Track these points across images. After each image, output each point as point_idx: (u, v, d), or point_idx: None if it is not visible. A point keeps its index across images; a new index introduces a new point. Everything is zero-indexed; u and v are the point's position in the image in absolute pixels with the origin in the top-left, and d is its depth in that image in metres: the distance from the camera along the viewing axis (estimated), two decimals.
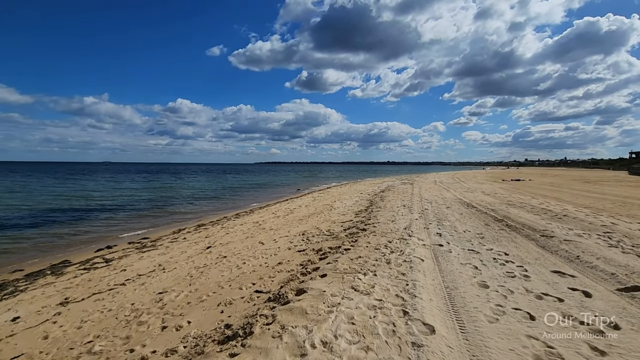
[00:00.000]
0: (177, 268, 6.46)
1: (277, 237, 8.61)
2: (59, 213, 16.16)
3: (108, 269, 6.92)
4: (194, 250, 7.98)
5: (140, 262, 7.24)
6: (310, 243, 7.34)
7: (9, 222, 13.51)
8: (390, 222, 8.53)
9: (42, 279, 6.65)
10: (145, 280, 5.75)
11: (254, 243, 8.21)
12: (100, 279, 6.22)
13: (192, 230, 11.33)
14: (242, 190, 30.01)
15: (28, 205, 18.63)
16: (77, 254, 9.01)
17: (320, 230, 8.82)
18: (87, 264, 7.54)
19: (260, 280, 4.95)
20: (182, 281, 5.51)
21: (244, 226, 11.12)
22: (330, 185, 35.25)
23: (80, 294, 5.37)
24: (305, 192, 27.24)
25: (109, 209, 17.80)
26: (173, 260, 7.14)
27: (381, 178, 44.86)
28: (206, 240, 9.21)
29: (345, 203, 15.17)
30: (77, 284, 6.05)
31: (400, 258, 5.06)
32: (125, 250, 8.83)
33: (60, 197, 22.64)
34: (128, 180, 45.46)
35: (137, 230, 12.08)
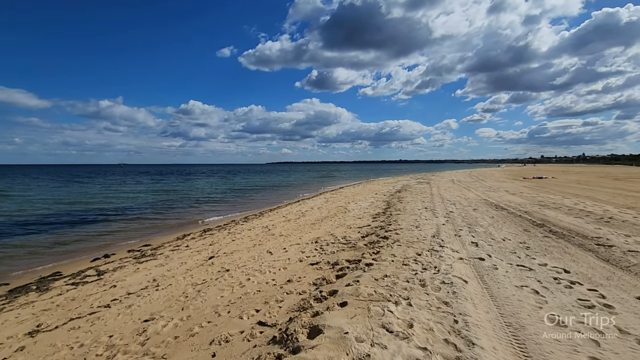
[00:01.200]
0: (173, 284, 5.63)
1: (288, 245, 7.73)
2: (64, 217, 15.67)
3: (97, 285, 6.16)
4: (194, 262, 7.16)
5: (133, 276, 6.45)
6: (325, 253, 6.43)
7: (11, 227, 13.03)
8: (414, 228, 7.55)
9: (24, 297, 5.93)
10: (133, 302, 4.94)
11: (262, 252, 7.34)
12: (85, 297, 5.44)
13: (197, 236, 10.55)
14: (252, 191, 29.30)
15: (33, 209, 18.26)
16: (72, 264, 8.32)
17: (335, 237, 7.90)
18: (77, 277, 6.82)
19: (266, 306, 4.06)
20: (175, 303, 4.66)
21: (252, 231, 10.28)
22: (342, 185, 34.26)
23: (56, 320, 4.58)
24: (317, 192, 26.34)
25: (115, 213, 17.25)
26: (170, 274, 6.32)
27: (395, 177, 43.62)
28: (210, 248, 8.39)
29: (360, 205, 14.20)
30: (58, 304, 5.28)
31: (436, 278, 4.10)
32: (123, 260, 8.09)
33: (66, 201, 22.33)
34: (138, 182, 45.41)
35: (140, 237, 11.38)
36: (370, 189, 23.66)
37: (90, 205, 19.70)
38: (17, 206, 18.90)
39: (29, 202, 21.00)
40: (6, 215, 15.86)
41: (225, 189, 32.35)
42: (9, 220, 14.60)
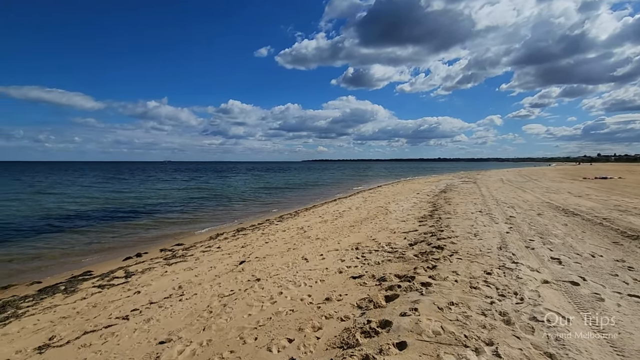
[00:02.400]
0: (198, 294, 5.06)
1: (325, 251, 6.96)
2: (103, 213, 16.09)
3: (122, 289, 5.76)
4: (224, 266, 6.60)
5: (159, 281, 5.99)
6: (368, 264, 5.57)
7: (50, 223, 13.47)
8: (472, 236, 6.46)
9: (50, 298, 5.66)
10: (153, 314, 4.40)
11: (296, 259, 6.63)
12: (107, 305, 5.01)
13: (229, 236, 10.11)
14: (287, 190, 28.95)
15: (74, 205, 19.02)
16: (104, 263, 8.14)
17: (378, 244, 7.01)
18: (105, 278, 6.51)
19: (300, 335, 3.30)
20: (197, 320, 4.04)
21: (286, 233, 9.64)
22: (380, 183, 32.98)
23: (70, 332, 4.14)
24: (354, 191, 25.40)
25: (153, 209, 17.49)
26: (197, 281, 5.78)
27: (435, 176, 41.50)
28: (241, 251, 7.83)
29: (402, 205, 13.12)
30: (79, 311, 4.89)
31: (523, 311, 3.11)
32: (153, 260, 7.76)
33: (105, 197, 23.20)
34: (179, 179, 47.00)
35: (174, 235, 11.17)
36: (411, 188, 22.33)
37: (128, 202, 20.24)
38: (57, 202, 19.76)
39: (70, 198, 22.02)
40: (46, 211, 16.54)
41: (259, 187, 32.33)
42: (48, 216, 15.18)
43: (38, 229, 12.13)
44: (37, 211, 16.22)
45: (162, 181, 40.17)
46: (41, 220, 13.84)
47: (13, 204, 18.71)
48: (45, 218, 14.44)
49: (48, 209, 16.85)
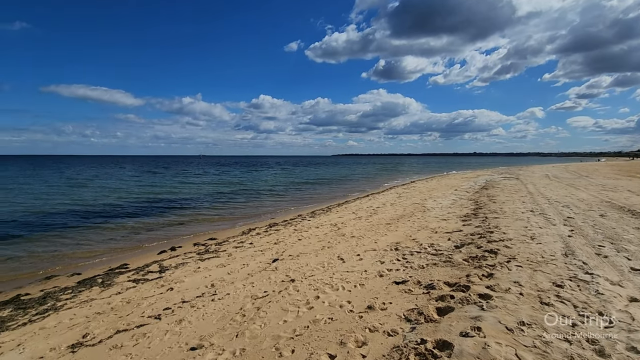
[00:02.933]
0: (231, 294, 4.83)
1: (362, 251, 6.55)
2: (140, 205, 16.59)
3: (156, 285, 5.67)
4: (257, 264, 6.37)
5: (192, 278, 5.86)
6: (411, 267, 5.11)
7: (88, 215, 14.00)
8: (528, 239, 5.79)
9: (87, 291, 5.68)
10: (185, 314, 4.21)
11: (332, 258, 6.27)
12: (140, 301, 4.91)
13: (262, 231, 9.94)
14: (317, 185, 28.68)
15: (112, 198, 19.77)
16: (140, 256, 8.22)
17: (419, 244, 6.50)
18: (140, 272, 6.50)
19: (342, 350, 2.94)
20: (229, 325, 3.79)
21: (319, 229, 9.31)
22: (413, 179, 31.92)
23: (103, 329, 4.04)
24: (386, 186, 24.68)
25: (188, 203, 17.84)
26: (229, 279, 5.58)
27: (472, 171, 39.62)
28: (274, 248, 7.59)
29: (441, 202, 12.39)
30: (113, 307, 4.82)
31: (618, 340, 2.55)
32: (187, 254, 7.71)
33: (142, 191, 24.01)
34: (213, 173, 48.16)
35: (208, 229, 11.20)
36: (447, 184, 21.31)
37: (162, 195, 20.81)
38: (97, 195, 20.63)
39: (108, 191, 22.98)
40: (87, 203, 17.26)
41: (289, 181, 32.31)
42: (89, 208, 15.83)
43: (79, 220, 12.65)
44: (79, 204, 17.02)
45: (194, 175, 41.31)
46: (82, 213, 14.47)
47: (56, 197, 19.80)
48: (86, 210, 15.09)
49: (88, 202, 17.65)
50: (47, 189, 24.12)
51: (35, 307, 5.14)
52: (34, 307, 5.15)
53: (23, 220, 12.65)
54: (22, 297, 5.69)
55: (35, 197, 19.35)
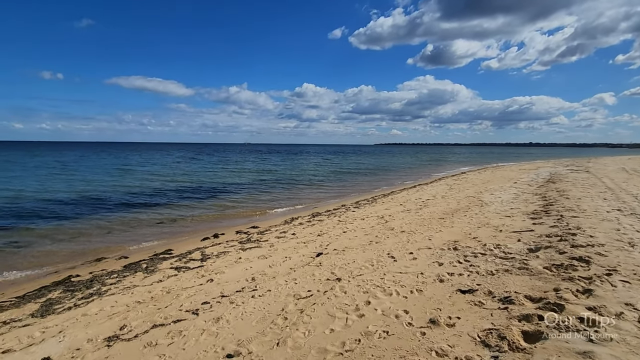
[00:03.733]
0: (272, 291, 4.45)
1: (414, 249, 5.88)
2: (187, 191, 17.05)
3: (197, 274, 5.47)
4: (299, 258, 5.96)
5: (233, 269, 5.58)
6: (477, 272, 4.38)
7: (135, 199, 14.55)
8: (627, 245, 4.78)
9: (131, 277, 5.64)
10: (223, 312, 3.88)
11: (381, 255, 5.68)
12: (179, 292, 4.70)
13: (304, 221, 9.56)
14: (360, 174, 27.89)
15: (157, 184, 20.54)
16: (184, 242, 8.21)
17: (482, 244, 5.70)
18: (183, 260, 6.39)
19: None
20: (270, 329, 3.39)
21: (365, 222, 8.72)
22: (462, 170, 29.94)
23: (141, 322, 3.84)
24: (434, 177, 23.29)
25: (230, 190, 18.08)
26: (271, 273, 5.21)
27: (530, 163, 36.42)
28: (318, 240, 7.15)
29: (500, 196, 11.20)
30: (153, 296, 4.66)
31: None
32: (229, 243, 7.53)
33: (189, 177, 24.80)
34: (258, 160, 49.09)
35: (249, 217, 11.08)
36: (503, 176, 19.57)
37: (206, 181, 21.33)
38: (141, 179, 21.60)
39: (154, 176, 24.01)
40: (133, 188, 18.06)
41: (331, 170, 31.82)
42: (137, 193, 16.52)
43: (128, 204, 13.21)
44: (130, 189, 17.90)
45: (237, 163, 42.28)
46: (131, 197, 15.14)
47: (109, 181, 21.06)
48: (135, 195, 15.78)
49: (138, 186, 18.52)
50: (101, 171, 25.89)
51: (82, 290, 5.16)
52: (81, 290, 5.17)
53: (81, 202, 13.47)
54: (73, 279, 5.80)
55: (90, 181, 20.74)
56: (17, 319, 4.24)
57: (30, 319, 4.24)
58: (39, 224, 9.72)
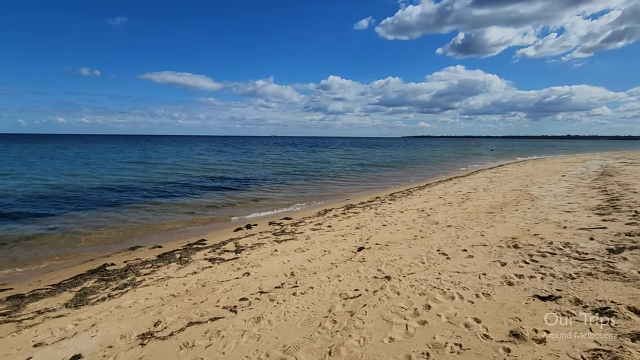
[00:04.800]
0: (315, 288, 4.04)
1: (467, 245, 5.29)
2: (212, 181, 17.05)
3: (232, 267, 5.17)
4: (340, 252, 5.52)
5: (269, 263, 5.23)
6: (552, 274, 3.78)
7: (168, 189, 14.62)
8: None
9: (165, 267, 5.42)
10: (264, 311, 3.52)
11: (430, 251, 5.15)
12: (215, 286, 4.39)
13: (339, 213, 9.11)
14: (387, 167, 27.03)
15: (196, 170, 20.69)
16: (217, 232, 8.00)
17: (547, 243, 5.03)
18: (217, 251, 6.12)
19: None
20: (318, 334, 2.98)
21: (405, 215, 8.15)
22: (499, 162, 28.31)
23: (176, 318, 3.54)
24: (469, 170, 22.11)
25: (260, 180, 17.93)
26: (310, 268, 4.81)
27: (572, 155, 34.09)
28: (356, 233, 6.68)
29: (551, 190, 10.28)
30: (188, 289, 4.38)
31: None
32: (262, 234, 7.22)
33: (214, 168, 24.92)
34: (284, 152, 49.09)
35: (280, 208, 10.76)
36: (547, 169, 18.26)
37: (232, 172, 21.31)
38: (174, 169, 21.87)
39: (186, 167, 24.29)
40: (165, 178, 18.24)
41: (358, 163, 31.14)
42: (169, 183, 16.65)
43: (161, 194, 13.29)
44: (163, 178, 18.15)
45: (263, 155, 42.37)
46: (165, 186, 15.28)
47: (138, 170, 21.50)
48: (169, 184, 15.93)
49: (171, 177, 18.75)
50: (132, 164, 26.61)
51: (116, 280, 4.99)
52: (115, 279, 5.00)
53: (114, 190, 13.71)
54: (108, 268, 5.67)
55: (121, 169, 21.26)
56: (52, 309, 4.08)
57: (64, 309, 4.07)
58: (75, 211, 9.87)
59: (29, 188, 13.92)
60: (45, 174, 18.97)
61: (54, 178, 17.19)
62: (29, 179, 16.66)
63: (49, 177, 17.64)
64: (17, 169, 21.52)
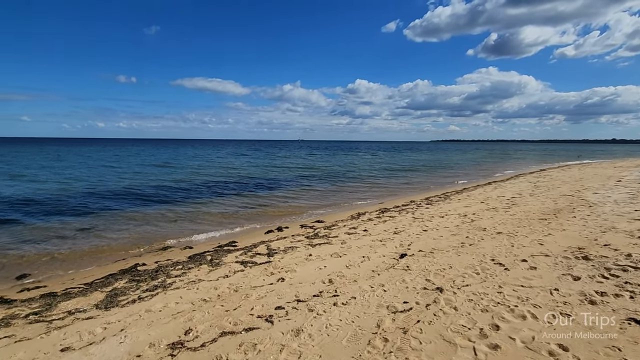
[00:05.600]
0: (357, 299, 3.63)
1: (526, 255, 4.71)
2: (241, 184, 17.00)
3: (265, 271, 4.85)
4: (380, 258, 5.08)
5: (304, 268, 4.87)
6: None
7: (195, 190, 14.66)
8: None
9: (196, 270, 5.19)
10: (302, 322, 3.15)
11: (483, 261, 4.60)
12: (248, 292, 4.07)
13: (373, 216, 8.63)
14: (418, 171, 26.08)
15: (227, 172, 20.81)
16: (249, 233, 7.75)
17: (625, 255, 4.41)
18: (248, 254, 5.84)
19: None
20: (369, 354, 2.58)
21: (446, 220, 7.56)
22: (537, 167, 26.54)
23: (208, 326, 3.25)
24: (508, 174, 20.81)
25: (287, 183, 17.74)
26: (350, 275, 4.40)
27: (623, 160, 31.56)
28: (395, 239, 6.20)
29: (609, 196, 9.35)
30: (219, 294, 4.09)
31: None
32: (295, 237, 6.88)
33: (238, 171, 25.00)
34: (314, 155, 49.01)
35: (310, 210, 10.42)
36: (597, 174, 16.87)
37: (258, 176, 21.24)
38: (200, 173, 22.07)
39: (211, 169, 24.50)
40: (193, 179, 18.38)
41: (388, 165, 30.34)
42: (199, 183, 16.74)
43: (191, 194, 13.35)
44: (193, 179, 18.35)
45: (291, 158, 42.38)
46: (195, 186, 15.40)
47: (172, 171, 21.89)
48: (198, 185, 16.06)
49: (200, 178, 18.95)
50: (167, 167, 27.27)
51: (147, 281, 4.81)
52: (146, 280, 4.82)
53: (145, 191, 13.93)
54: (139, 268, 5.53)
55: (153, 173, 21.75)
56: (82, 309, 3.92)
57: (95, 310, 3.90)
58: (108, 211, 10.01)
59: (71, 186, 14.46)
60: (79, 174, 19.78)
61: (94, 177, 17.84)
62: (71, 179, 17.38)
63: (85, 176, 18.34)
64: (74, 171, 22.62)
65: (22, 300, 4.38)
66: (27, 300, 4.39)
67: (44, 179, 17.18)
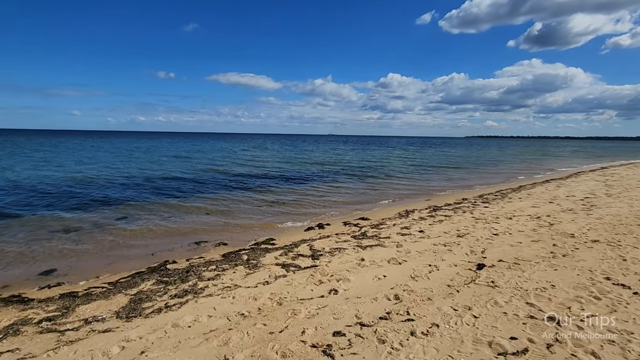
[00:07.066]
0: (441, 328, 2.74)
1: None
2: (272, 177, 16.38)
3: (311, 277, 4.06)
4: (450, 267, 4.13)
5: (359, 277, 4.02)
6: None
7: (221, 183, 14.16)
8: None
9: (231, 271, 4.49)
10: None
11: (592, 277, 3.56)
12: (295, 307, 3.29)
13: (425, 215, 7.61)
14: (460, 166, 24.37)
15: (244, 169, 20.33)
16: (287, 231, 7.00)
17: None
18: (289, 254, 5.09)
19: None
20: None
21: (516, 222, 6.43)
22: (589, 166, 23.88)
23: (248, 354, 2.50)
24: (565, 172, 18.76)
25: (321, 177, 16.95)
26: (420, 291, 3.50)
27: None
28: (462, 243, 5.20)
29: None
30: (260, 306, 3.34)
31: None
32: (339, 236, 6.05)
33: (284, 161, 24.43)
34: (343, 151, 47.97)
35: (349, 205, 9.54)
36: None
37: (288, 169, 20.54)
38: (237, 164, 21.68)
39: (251, 162, 24.08)
40: (229, 171, 17.93)
41: (424, 161, 28.72)
42: (235, 174, 16.29)
43: (225, 187, 12.88)
44: (229, 171, 18.00)
45: (324, 152, 41.54)
46: (229, 179, 14.96)
47: (205, 163, 21.70)
48: (235, 176, 15.63)
49: (236, 170, 18.56)
50: (204, 159, 27.33)
51: (176, 283, 4.17)
52: (175, 283, 4.19)
53: (178, 183, 13.65)
54: (168, 266, 4.95)
55: (188, 164, 21.67)
56: (100, 318, 3.31)
57: (114, 320, 3.28)
58: (141, 203, 9.67)
59: (115, 175, 14.51)
60: (120, 165, 20.05)
61: (133, 168, 17.98)
62: (115, 169, 17.59)
63: (126, 167, 18.52)
64: (119, 161, 23.19)
65: (39, 301, 3.86)
66: (45, 300, 3.87)
67: (85, 170, 17.50)
